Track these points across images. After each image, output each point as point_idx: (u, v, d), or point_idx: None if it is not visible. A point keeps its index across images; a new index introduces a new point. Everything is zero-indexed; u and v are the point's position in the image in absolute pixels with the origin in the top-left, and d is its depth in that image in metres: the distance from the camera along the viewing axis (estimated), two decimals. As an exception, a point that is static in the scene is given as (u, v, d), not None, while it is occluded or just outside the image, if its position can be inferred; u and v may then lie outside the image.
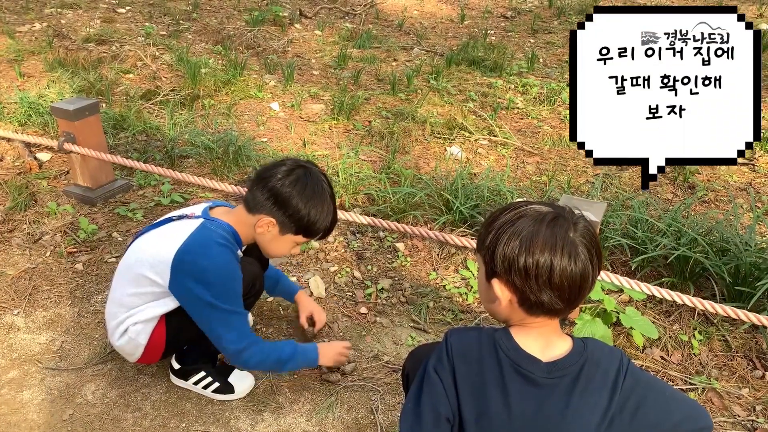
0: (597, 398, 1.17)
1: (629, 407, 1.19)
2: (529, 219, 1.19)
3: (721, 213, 3.04)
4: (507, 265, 1.18)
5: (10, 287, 2.43)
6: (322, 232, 1.82)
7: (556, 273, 1.15)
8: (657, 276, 2.49)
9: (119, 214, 2.90)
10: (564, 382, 1.18)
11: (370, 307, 2.39)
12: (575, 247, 1.16)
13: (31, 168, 3.24)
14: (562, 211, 1.21)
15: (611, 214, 2.75)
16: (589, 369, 1.19)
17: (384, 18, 6.67)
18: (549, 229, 1.17)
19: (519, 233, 1.18)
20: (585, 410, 1.17)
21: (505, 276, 1.19)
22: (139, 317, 1.80)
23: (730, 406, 1.98)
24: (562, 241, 1.16)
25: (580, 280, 1.17)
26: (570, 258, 1.15)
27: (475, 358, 1.21)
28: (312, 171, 1.78)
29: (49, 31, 5.28)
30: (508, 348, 1.21)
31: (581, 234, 1.18)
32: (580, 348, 1.22)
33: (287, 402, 1.95)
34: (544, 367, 1.19)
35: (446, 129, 3.94)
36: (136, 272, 1.79)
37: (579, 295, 1.19)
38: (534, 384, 1.18)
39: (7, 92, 4.03)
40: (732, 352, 2.19)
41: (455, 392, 1.20)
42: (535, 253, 1.16)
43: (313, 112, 4.15)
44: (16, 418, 1.87)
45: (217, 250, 1.71)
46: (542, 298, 1.17)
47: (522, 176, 3.46)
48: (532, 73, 4.97)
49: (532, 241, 1.16)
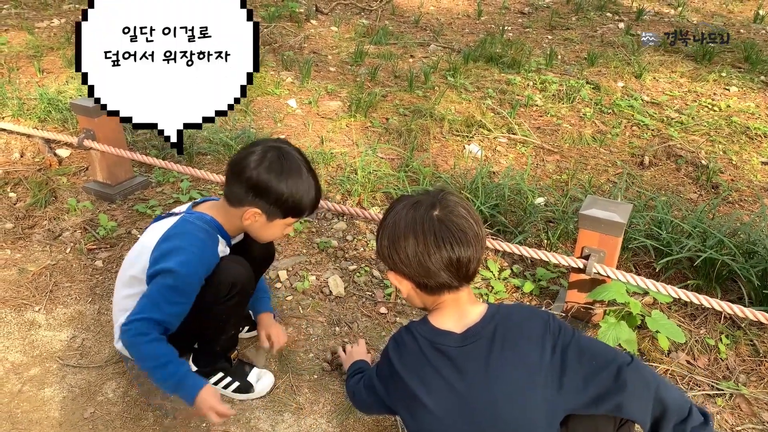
0: (520, 355, 1.25)
1: (580, 370, 1.25)
2: (396, 211, 1.29)
3: (747, 214, 2.98)
4: (389, 258, 1.28)
5: (31, 284, 2.44)
6: (310, 209, 1.75)
7: (429, 254, 1.23)
8: (682, 278, 2.45)
9: (138, 210, 2.90)
10: (479, 346, 1.26)
11: (389, 307, 2.37)
12: (442, 224, 1.23)
13: (51, 164, 3.26)
14: (427, 195, 1.30)
15: (634, 215, 2.70)
16: (505, 329, 1.27)
17: (400, 14, 6.63)
18: (411, 215, 1.26)
19: (387, 227, 1.29)
20: (507, 367, 1.24)
21: (395, 268, 1.29)
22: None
23: (759, 413, 1.93)
24: (425, 223, 1.24)
25: (458, 253, 1.23)
26: (437, 236, 1.23)
27: (407, 352, 1.32)
28: (284, 150, 1.70)
29: (68, 27, 5.31)
30: (424, 330, 1.31)
31: (448, 210, 1.25)
32: (493, 311, 1.30)
33: (307, 403, 1.94)
34: (458, 337, 1.27)
35: (464, 126, 3.91)
36: (127, 274, 1.79)
37: (468, 266, 1.26)
38: (450, 355, 1.26)
39: (26, 88, 4.05)
40: (760, 357, 2.14)
41: (394, 388, 1.36)
42: (400, 242, 1.25)
43: (331, 109, 4.13)
44: (38, 416, 1.87)
45: (192, 236, 1.68)
46: (432, 279, 1.25)
47: (542, 175, 3.42)
48: (550, 70, 4.91)
49: (395, 232, 1.26)
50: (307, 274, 2.52)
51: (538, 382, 1.23)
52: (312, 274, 2.52)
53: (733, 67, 5.09)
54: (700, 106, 4.35)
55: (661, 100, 4.43)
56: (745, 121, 4.10)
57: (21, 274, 2.50)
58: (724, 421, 1.90)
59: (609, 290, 2.03)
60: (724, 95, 4.55)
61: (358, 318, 2.31)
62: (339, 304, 2.38)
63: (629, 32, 5.97)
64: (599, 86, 4.55)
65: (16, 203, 2.97)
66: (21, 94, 3.93)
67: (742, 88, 4.66)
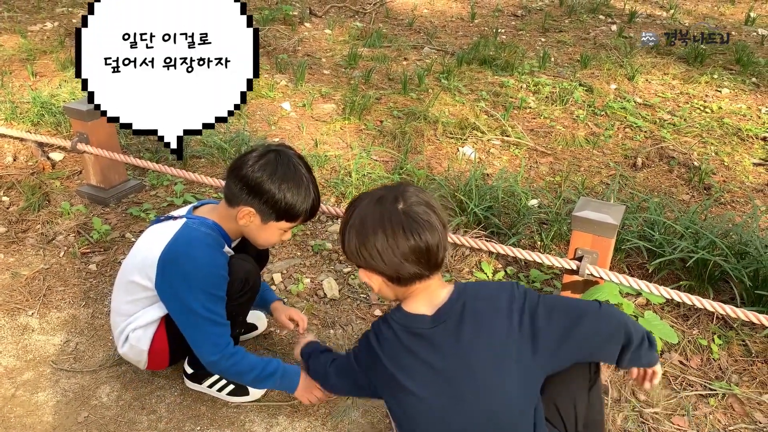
0: (490, 327, 1.29)
1: (553, 328, 1.30)
2: (360, 209, 1.32)
3: (739, 215, 3.00)
4: (359, 256, 1.30)
5: (25, 288, 2.43)
6: (305, 215, 1.75)
7: (399, 247, 1.26)
8: (675, 279, 2.46)
9: (132, 214, 2.90)
10: (450, 323, 1.30)
11: (384, 309, 2.37)
12: (408, 217, 1.26)
13: (44, 168, 3.25)
14: (387, 190, 1.33)
15: (627, 216, 2.71)
16: (473, 304, 1.32)
17: (394, 17, 6.64)
18: (377, 210, 1.29)
19: (354, 225, 1.30)
20: (480, 338, 1.28)
21: (365, 265, 1.32)
22: (137, 323, 1.79)
23: (751, 413, 1.95)
24: (392, 216, 1.27)
25: (426, 242, 1.27)
26: (405, 228, 1.26)
27: (386, 341, 1.35)
28: (283, 153, 1.71)
29: (61, 30, 5.30)
30: (398, 317, 1.34)
31: (411, 202, 1.28)
32: (460, 288, 1.35)
33: (302, 405, 1.94)
34: (429, 319, 1.31)
35: (458, 129, 3.92)
36: (127, 279, 1.78)
37: (437, 254, 1.29)
38: (424, 336, 1.30)
39: (19, 92, 4.04)
40: (752, 357, 2.15)
41: (376, 375, 1.39)
42: (369, 238, 1.27)
43: (325, 111, 4.14)
44: (32, 420, 1.87)
45: (201, 249, 1.68)
46: (403, 271, 1.29)
47: (536, 177, 3.43)
48: (543, 72, 4.93)
49: (363, 229, 1.28)
50: (301, 276, 2.52)
51: (512, 349, 1.28)
52: (306, 277, 2.53)
53: (725, 69, 5.12)
54: (692, 108, 4.38)
55: (653, 102, 4.45)
56: (736, 123, 4.13)
57: (14, 278, 2.49)
58: (716, 421, 1.92)
59: (602, 291, 2.04)
60: (716, 97, 4.58)
61: (352, 320, 2.32)
62: (333, 306, 2.38)
63: (622, 34, 6.00)
64: (592, 88, 4.57)
65: (9, 207, 2.96)
66: (14, 97, 3.92)
67: (734, 90, 4.69)
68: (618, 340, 1.34)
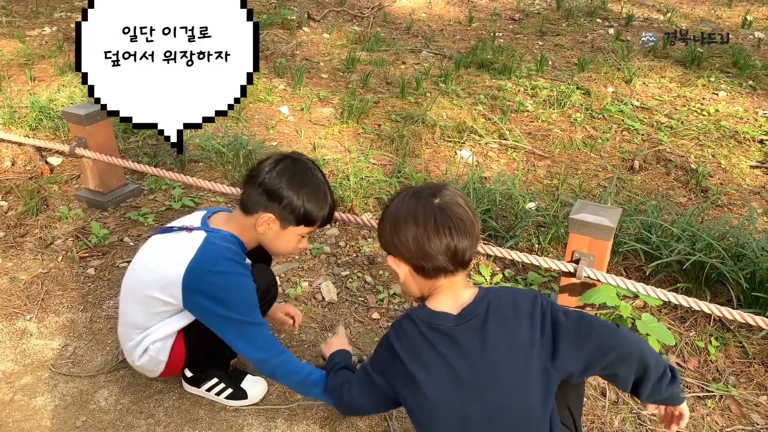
0: (513, 329, 1.32)
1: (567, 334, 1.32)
2: (398, 200, 1.39)
3: (735, 217, 3.01)
4: (390, 242, 1.37)
5: (23, 292, 2.44)
6: (323, 218, 1.77)
7: (429, 238, 1.31)
8: (672, 281, 2.47)
9: (130, 218, 2.90)
10: (475, 323, 1.32)
11: (382, 312, 2.38)
12: (442, 211, 1.32)
13: (43, 172, 3.25)
14: (426, 186, 1.39)
15: (624, 219, 2.72)
16: (497, 306, 1.35)
17: (392, 21, 6.66)
18: (412, 203, 1.35)
19: (390, 214, 1.38)
20: (502, 338, 1.31)
21: (394, 251, 1.37)
22: (157, 335, 1.78)
23: (748, 414, 1.95)
24: (426, 209, 1.33)
25: (456, 241, 1.32)
26: (437, 221, 1.31)
27: (407, 337, 1.37)
28: (298, 159, 1.74)
29: (59, 35, 5.31)
30: (422, 314, 1.37)
31: (448, 198, 1.34)
32: (484, 292, 1.38)
33: (300, 408, 1.94)
34: (454, 317, 1.34)
35: (456, 132, 3.93)
36: (144, 294, 1.75)
37: (464, 254, 1.34)
38: (448, 334, 1.32)
39: (18, 96, 4.05)
40: (749, 359, 2.16)
41: (393, 373, 1.39)
42: (402, 227, 1.34)
43: (323, 115, 4.15)
44: (30, 425, 1.87)
45: (227, 266, 1.68)
46: (430, 262, 1.33)
47: (533, 180, 3.44)
48: (541, 76, 4.95)
49: (397, 217, 1.35)
50: (299, 280, 2.52)
51: (533, 351, 1.30)
52: (304, 280, 2.53)
53: (722, 72, 5.14)
54: (689, 111, 4.39)
55: (650, 105, 4.47)
56: (733, 126, 4.15)
57: (12, 283, 2.49)
58: (714, 422, 1.92)
59: (599, 294, 2.05)
60: (713, 100, 4.60)
61: (350, 323, 2.32)
62: (331, 309, 2.39)
63: (619, 38, 6.02)
64: (589, 91, 4.59)
65: (8, 212, 2.97)
66: (12, 102, 3.92)
67: (731, 93, 4.71)
68: (632, 362, 1.33)
